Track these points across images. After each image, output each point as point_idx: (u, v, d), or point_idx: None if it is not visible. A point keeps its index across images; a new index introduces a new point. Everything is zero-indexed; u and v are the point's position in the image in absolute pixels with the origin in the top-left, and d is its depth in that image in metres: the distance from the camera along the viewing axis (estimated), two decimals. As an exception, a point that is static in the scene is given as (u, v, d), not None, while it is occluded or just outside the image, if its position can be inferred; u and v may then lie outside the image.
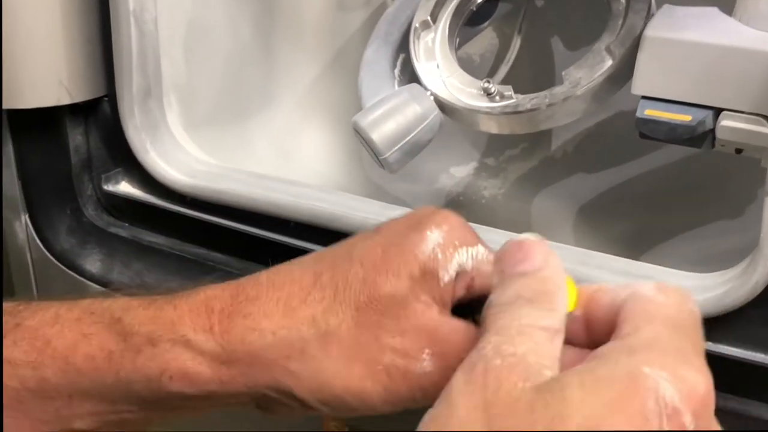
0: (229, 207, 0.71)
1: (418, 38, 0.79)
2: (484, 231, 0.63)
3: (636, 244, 0.94)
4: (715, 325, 0.55)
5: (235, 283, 0.47)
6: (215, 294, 0.46)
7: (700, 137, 0.64)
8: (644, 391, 0.33)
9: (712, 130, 0.62)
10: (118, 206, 0.78)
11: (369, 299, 0.43)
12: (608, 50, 0.70)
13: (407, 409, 0.43)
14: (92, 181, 0.77)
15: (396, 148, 0.78)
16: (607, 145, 0.99)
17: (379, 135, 0.77)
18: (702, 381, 0.34)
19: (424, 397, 0.43)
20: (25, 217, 0.77)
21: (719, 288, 0.54)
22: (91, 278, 0.76)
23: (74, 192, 0.76)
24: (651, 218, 0.96)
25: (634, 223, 0.96)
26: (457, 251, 0.44)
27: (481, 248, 0.45)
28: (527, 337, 0.36)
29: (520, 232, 0.51)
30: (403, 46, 0.83)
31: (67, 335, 0.46)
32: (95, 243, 0.76)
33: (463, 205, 1.04)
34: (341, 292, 0.44)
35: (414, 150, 0.80)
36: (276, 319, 0.44)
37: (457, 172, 1.05)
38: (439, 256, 0.44)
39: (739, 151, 0.63)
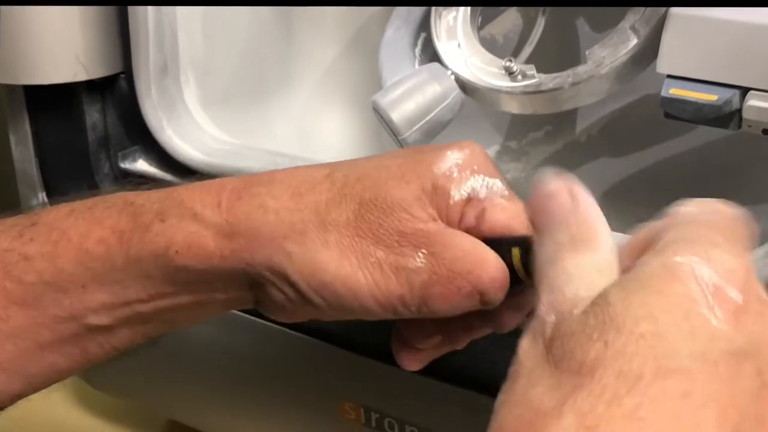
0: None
1: (440, 17, 0.78)
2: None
3: (661, 230, 0.92)
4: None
5: (251, 175, 0.48)
6: (230, 179, 0.48)
7: (727, 117, 0.62)
8: (681, 275, 0.33)
9: (739, 110, 0.61)
10: (135, 184, 0.77)
11: (374, 197, 0.44)
12: (633, 29, 0.68)
13: (396, 313, 0.44)
14: (109, 159, 0.76)
15: (415, 128, 0.77)
16: (633, 128, 0.98)
17: (398, 115, 0.77)
18: (738, 263, 0.34)
19: (413, 298, 0.43)
20: (42, 195, 0.76)
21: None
22: (107, 256, 0.75)
23: (91, 170, 0.75)
24: (679, 203, 0.94)
25: (661, 209, 0.94)
26: (474, 176, 0.45)
27: (498, 182, 0.46)
28: (577, 279, 0.36)
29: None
30: (424, 26, 0.82)
31: (81, 224, 0.47)
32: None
33: (484, 188, 1.02)
34: (349, 186, 0.45)
35: (434, 130, 0.79)
36: (282, 200, 0.45)
37: (479, 154, 1.03)
38: (455, 174, 0.44)
39: (766, 131, 0.61)
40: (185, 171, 0.73)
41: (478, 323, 0.48)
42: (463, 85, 0.77)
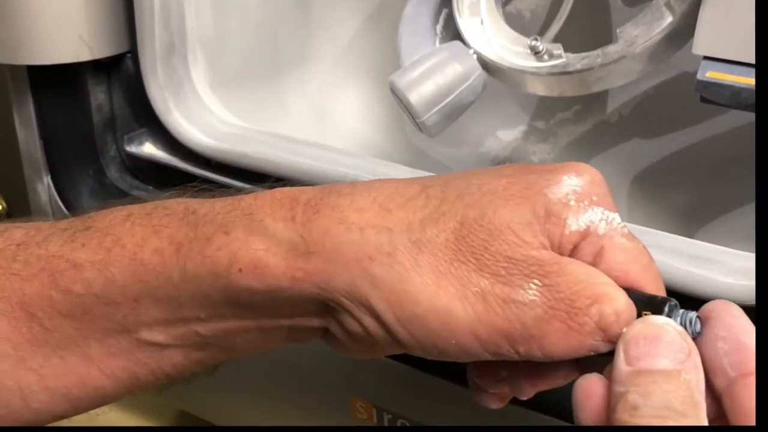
0: (255, 172, 0.67)
1: (462, -9, 0.74)
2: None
3: (695, 216, 0.89)
4: (776, 312, 0.50)
5: (330, 184, 0.42)
6: (305, 189, 0.42)
7: (767, 103, 0.58)
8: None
9: (781, 95, 0.57)
10: (142, 168, 0.75)
11: (479, 217, 0.38)
12: (668, 6, 0.64)
13: (498, 355, 0.37)
14: (115, 142, 0.73)
15: (435, 110, 0.74)
16: (666, 109, 0.94)
17: (416, 96, 0.73)
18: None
19: (522, 337, 0.37)
20: (47, 179, 0.74)
21: (782, 272, 0.49)
22: (113, 243, 0.72)
23: (97, 153, 0.73)
24: (712, 188, 0.90)
25: (694, 194, 0.91)
26: (592, 207, 0.39)
27: (617, 217, 0.40)
28: None
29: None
30: (445, 1, 0.78)
31: (137, 231, 0.42)
32: (131, 198, 0.73)
33: (510, 170, 0.98)
34: (448, 203, 0.39)
35: (454, 112, 0.76)
36: (367, 216, 0.39)
37: (504, 135, 1.00)
38: (572, 203, 0.39)
39: (809, 118, 0.57)
40: (194, 156, 0.70)
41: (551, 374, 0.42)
42: (486, 65, 0.73)
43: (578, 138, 0.98)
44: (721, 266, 0.51)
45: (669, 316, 0.38)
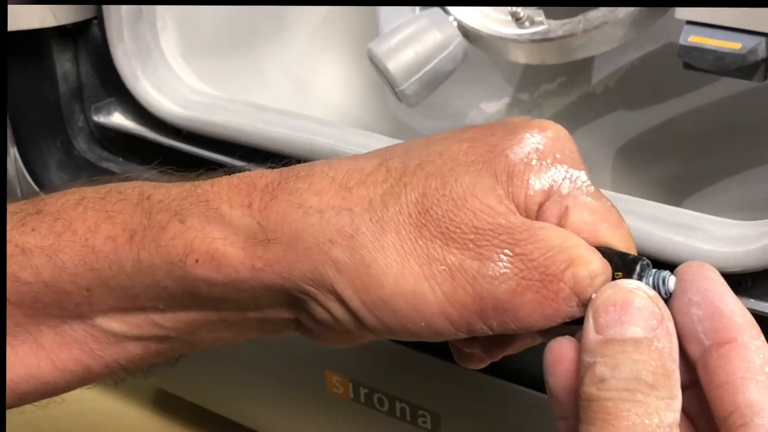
0: (226, 142, 0.66)
1: (441, -43, 0.73)
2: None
3: (680, 188, 0.87)
4: (758, 279, 0.49)
5: (287, 167, 0.40)
6: (262, 173, 0.40)
7: (751, 68, 0.57)
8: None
9: (765, 60, 0.56)
10: (111, 139, 0.73)
11: (441, 186, 0.36)
12: (650, -31, 0.62)
13: (472, 332, 0.35)
14: (83, 112, 0.72)
15: (414, 78, 0.72)
16: (652, 80, 0.92)
17: (395, 64, 0.71)
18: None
19: (495, 312, 0.35)
20: (13, 151, 0.72)
21: (763, 239, 0.47)
22: (82, 216, 0.71)
23: (64, 123, 0.71)
24: (697, 161, 0.89)
25: (679, 166, 0.89)
26: (556, 165, 0.37)
27: (583, 175, 0.38)
28: None
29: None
30: (425, -34, 0.76)
31: (90, 216, 0.41)
32: (87, 178, 0.71)
33: (493, 143, 0.97)
34: (409, 174, 0.37)
35: (434, 81, 0.74)
36: (326, 197, 0.37)
37: (488, 107, 0.98)
38: (533, 162, 0.37)
39: (795, 83, 0.56)
40: (164, 126, 0.68)
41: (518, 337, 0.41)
42: (467, 33, 0.71)
43: (563, 110, 0.96)
44: (703, 233, 0.49)
45: (641, 276, 0.36)
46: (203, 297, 0.39)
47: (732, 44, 0.56)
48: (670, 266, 0.51)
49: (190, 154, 0.68)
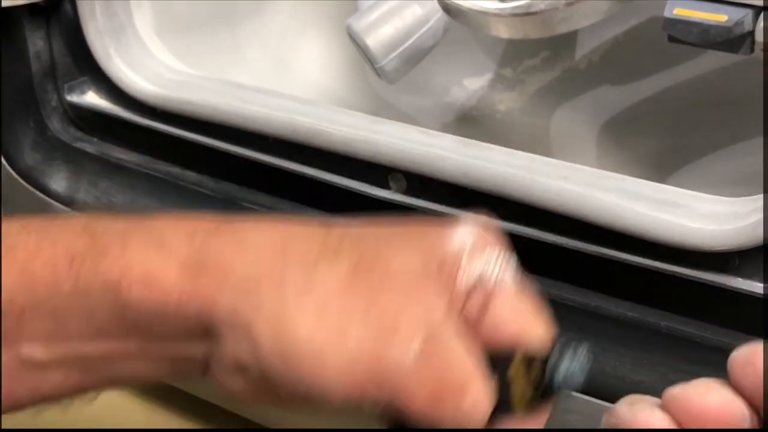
0: (202, 121, 0.64)
1: (421, -71, 0.71)
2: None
3: (665, 163, 0.86)
4: (746, 258, 0.48)
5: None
6: (210, 215, 0.41)
7: (737, 41, 0.56)
8: None
9: (752, 33, 0.54)
10: (85, 119, 0.71)
11: (375, 257, 0.38)
12: (634, -60, 0.61)
13: (357, 404, 0.37)
14: (57, 92, 0.70)
15: (393, 54, 0.71)
16: (636, 55, 0.91)
17: (374, 40, 0.70)
18: None
19: (390, 388, 0.36)
20: (-15, 133, 0.70)
21: (751, 216, 0.46)
22: (57, 198, 0.69)
23: (37, 103, 0.70)
24: (683, 135, 0.88)
25: (664, 140, 0.89)
26: (485, 259, 0.39)
27: (510, 268, 0.40)
28: None
29: (538, 149, 0.43)
30: (404, -60, 0.74)
31: (32, 241, 0.41)
32: (61, 159, 0.70)
33: (476, 120, 0.96)
34: (347, 241, 0.39)
35: (414, 57, 0.73)
36: (266, 238, 0.39)
37: (471, 84, 0.97)
38: (463, 256, 0.39)
39: (782, 56, 0.55)
40: (139, 105, 0.67)
41: None
42: (447, 7, 0.70)
43: (546, 85, 0.95)
44: (689, 210, 0.49)
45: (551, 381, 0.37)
46: (129, 323, 0.40)
47: (718, 17, 0.55)
48: (659, 245, 0.50)
49: (166, 133, 0.66)
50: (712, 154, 0.85)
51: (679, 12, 0.57)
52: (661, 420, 0.38)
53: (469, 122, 0.97)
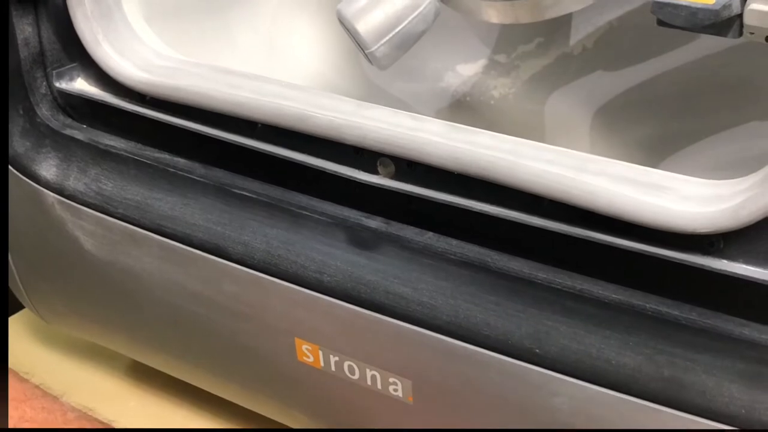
0: (190, 107, 0.64)
1: None
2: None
3: (658, 148, 0.86)
4: (730, 240, 0.48)
5: None
6: None
7: (725, 23, 0.55)
8: None
9: (740, 16, 0.54)
10: (74, 106, 0.71)
11: None
12: (623, -77, 0.61)
13: None
14: (46, 78, 0.70)
15: (384, 40, 0.70)
16: (630, 41, 0.91)
17: (364, 26, 0.69)
18: None
19: None
20: (-24, 119, 0.70)
21: (735, 198, 0.46)
22: (47, 185, 0.69)
23: (26, 90, 0.69)
24: (677, 120, 0.88)
25: (657, 126, 0.88)
26: None
27: None
28: None
29: (531, 135, 0.43)
30: (395, -75, 0.74)
31: None
32: (50, 146, 0.70)
33: (470, 106, 0.96)
34: None
35: (405, 43, 0.72)
36: None
37: (464, 70, 0.97)
38: None
39: (769, 39, 0.54)
40: (127, 91, 0.67)
41: None
42: (437, -8, 0.69)
43: (540, 71, 0.95)
44: (673, 193, 0.48)
45: None
46: None
47: (705, 0, 0.55)
48: (645, 228, 0.50)
49: (155, 120, 0.66)
50: (705, 140, 0.85)
51: (668, -5, 0.56)
52: None
53: (462, 108, 0.97)
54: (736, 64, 0.84)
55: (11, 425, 0.54)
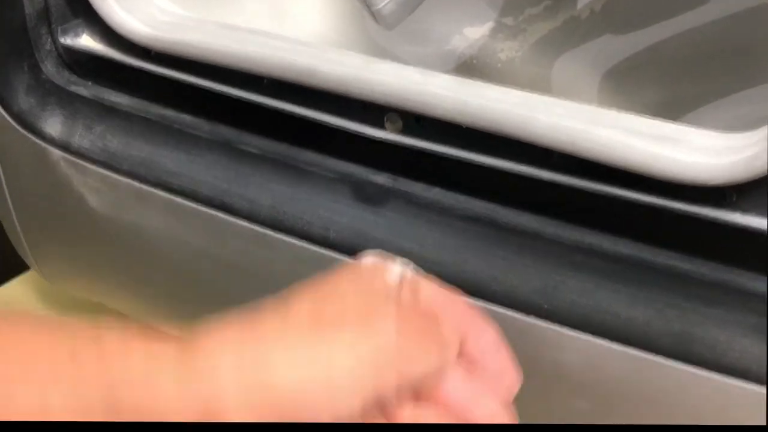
0: (196, 62, 0.63)
1: None
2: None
3: (667, 112, 0.85)
4: (743, 192, 0.47)
5: None
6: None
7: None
8: None
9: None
10: (80, 62, 0.70)
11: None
12: None
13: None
14: (51, 35, 0.69)
15: (391, -3, 0.70)
16: (638, 4, 0.90)
17: (371, -18, 0.69)
18: None
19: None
20: (-20, 76, 0.69)
21: (749, 149, 0.46)
22: (52, 142, 0.69)
23: (31, 47, 0.68)
24: (685, 83, 0.87)
25: (666, 89, 0.88)
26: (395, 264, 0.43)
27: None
28: None
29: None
30: None
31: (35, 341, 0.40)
32: (56, 103, 0.69)
33: (476, 69, 0.95)
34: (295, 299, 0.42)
35: (412, 1, 0.72)
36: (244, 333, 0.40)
37: (471, 33, 0.96)
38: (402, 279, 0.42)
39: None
40: (133, 47, 0.66)
41: None
42: (445, -51, 0.69)
43: (547, 35, 0.94)
44: (686, 145, 0.48)
45: None
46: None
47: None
48: (655, 180, 0.50)
49: (160, 76, 0.65)
50: (714, 103, 0.84)
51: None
52: None
53: (469, 71, 0.96)
54: (743, 28, 0.83)
55: None
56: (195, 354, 0.39)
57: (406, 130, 0.58)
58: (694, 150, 0.47)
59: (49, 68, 0.70)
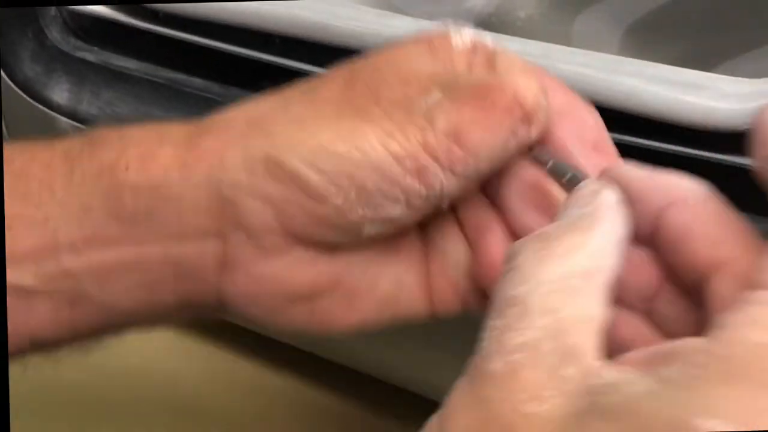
0: (205, 23, 0.62)
1: None
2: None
3: (692, 66, 0.83)
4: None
5: None
6: None
7: None
8: None
9: None
10: (85, 27, 0.69)
11: (365, 64, 0.39)
12: None
13: (421, 173, 0.35)
14: (56, -1, 0.68)
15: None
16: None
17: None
18: None
19: (437, 139, 0.35)
20: (-16, 44, 0.68)
21: (781, 93, 0.44)
22: (59, 110, 0.67)
23: (35, 12, 0.67)
24: (710, 37, 0.85)
25: (691, 44, 0.85)
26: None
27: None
28: (549, 303, 0.27)
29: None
30: None
31: (28, 150, 0.40)
32: (62, 70, 0.68)
33: (494, 27, 0.93)
34: (335, 70, 0.40)
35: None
36: (263, 99, 0.40)
37: (490, -10, 0.94)
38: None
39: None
40: (139, 9, 0.65)
41: None
42: None
43: (565, -13, 0.92)
44: (712, 92, 0.46)
45: None
46: (127, 218, 0.37)
47: None
48: (681, 128, 0.48)
49: (169, 37, 0.64)
50: (737, 57, 0.82)
51: None
52: None
53: (487, 29, 0.94)
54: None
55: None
56: (204, 134, 0.38)
57: (421, 86, 0.56)
58: (721, 96, 0.45)
59: (54, 34, 0.69)
